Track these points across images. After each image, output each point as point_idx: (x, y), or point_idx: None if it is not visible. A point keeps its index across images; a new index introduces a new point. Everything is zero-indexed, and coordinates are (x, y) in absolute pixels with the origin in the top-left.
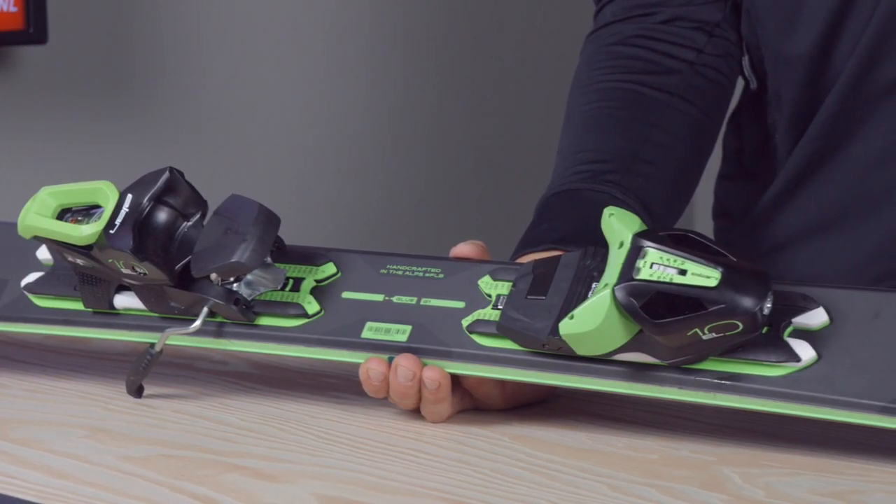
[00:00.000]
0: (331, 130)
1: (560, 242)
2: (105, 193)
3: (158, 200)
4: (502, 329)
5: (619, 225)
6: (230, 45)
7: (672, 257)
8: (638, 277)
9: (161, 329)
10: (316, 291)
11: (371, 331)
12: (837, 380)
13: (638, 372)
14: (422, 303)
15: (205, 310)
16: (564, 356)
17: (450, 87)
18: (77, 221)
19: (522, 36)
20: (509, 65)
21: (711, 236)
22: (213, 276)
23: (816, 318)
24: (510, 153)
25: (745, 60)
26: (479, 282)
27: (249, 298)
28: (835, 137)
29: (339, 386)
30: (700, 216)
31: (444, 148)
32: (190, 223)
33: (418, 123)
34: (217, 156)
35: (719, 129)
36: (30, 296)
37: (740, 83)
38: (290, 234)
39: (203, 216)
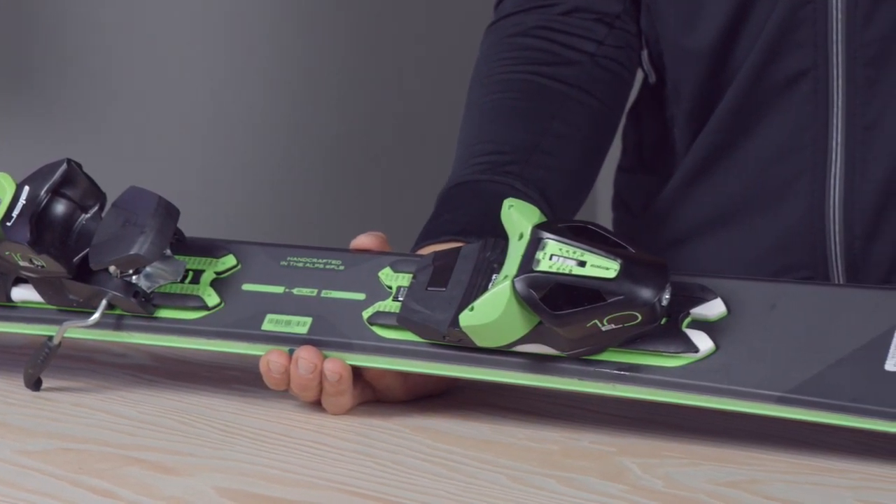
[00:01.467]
0: (231, 123)
1: (460, 234)
2: (2, 185)
3: (56, 192)
4: (403, 321)
5: (518, 216)
6: (130, 40)
7: (571, 249)
8: (537, 269)
9: (59, 322)
10: (216, 284)
11: (271, 323)
12: (735, 370)
13: (538, 363)
14: (322, 295)
15: (103, 302)
16: (465, 348)
17: (351, 77)
18: None
19: (423, 25)
20: (410, 55)
21: (612, 228)
22: (112, 268)
23: (714, 309)
24: (411, 144)
25: (645, 54)
26: (380, 273)
27: (149, 291)
28: (734, 132)
29: (240, 378)
30: (602, 208)
31: (345, 139)
32: (88, 215)
33: (319, 115)
34: (116, 148)
35: (619, 120)
36: None
37: (640, 75)
38: (189, 227)
39: (101, 208)
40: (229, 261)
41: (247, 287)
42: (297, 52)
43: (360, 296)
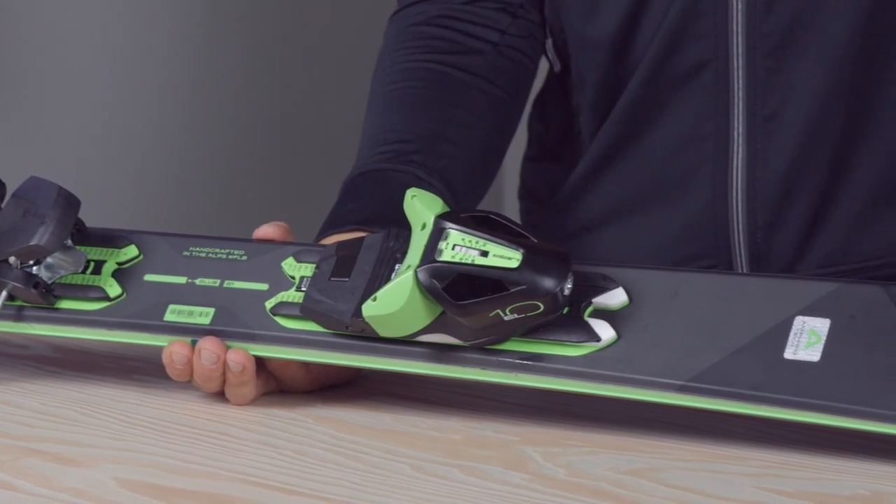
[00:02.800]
0: (132, 113)
1: (364, 223)
2: None
3: None
4: (306, 311)
5: (421, 206)
6: (30, 31)
7: (474, 239)
8: (440, 259)
9: None
10: (118, 274)
11: (174, 314)
12: (636, 359)
13: (441, 353)
14: (225, 285)
15: (3, 293)
16: (368, 338)
17: (254, 65)
18: None
19: (326, 13)
20: (313, 42)
21: (518, 217)
22: (12, 259)
23: (616, 298)
24: (314, 133)
25: (549, 43)
26: (283, 264)
27: (49, 282)
28: (637, 122)
29: (142, 369)
30: (509, 197)
31: (248, 128)
32: None
33: (222, 104)
34: (16, 139)
35: (522, 109)
36: None
37: (545, 65)
38: (91, 217)
39: (1, 199)
40: (131, 251)
41: (149, 277)
42: (198, 40)
43: (264, 286)
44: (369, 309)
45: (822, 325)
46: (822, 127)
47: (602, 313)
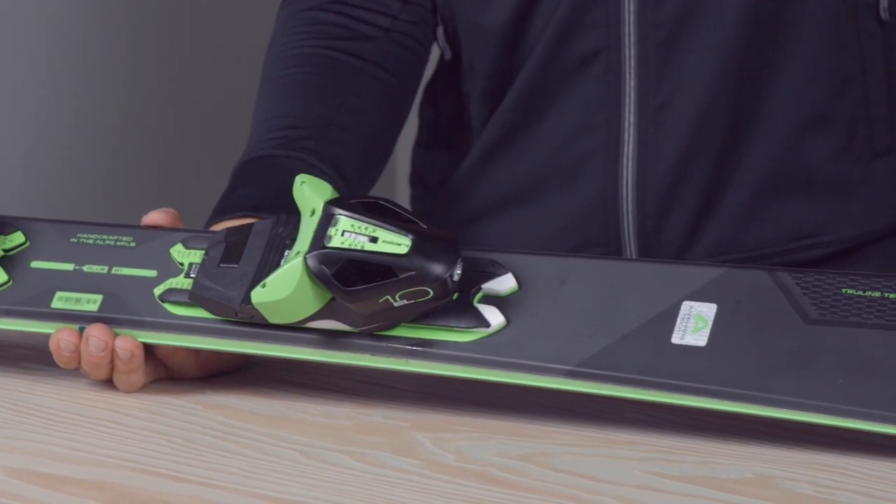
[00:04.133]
0: (17, 98)
1: (254, 210)
2: None
3: None
4: (195, 298)
5: (310, 193)
6: None
7: (363, 225)
8: (329, 245)
9: None
10: (3, 261)
11: (61, 301)
12: (525, 344)
13: (331, 339)
14: (113, 272)
15: None
16: (257, 324)
17: (141, 49)
18: None
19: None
20: (204, 27)
21: (409, 204)
22: None
23: (505, 283)
24: (204, 119)
25: (440, 31)
26: (172, 250)
27: None
28: (528, 110)
29: (29, 357)
30: (402, 184)
31: (137, 114)
32: None
33: (110, 89)
34: None
35: (414, 96)
36: None
37: (437, 51)
38: None
39: None
40: (17, 238)
41: (35, 264)
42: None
43: (152, 273)
44: (258, 295)
45: (708, 310)
46: (712, 117)
47: (491, 299)
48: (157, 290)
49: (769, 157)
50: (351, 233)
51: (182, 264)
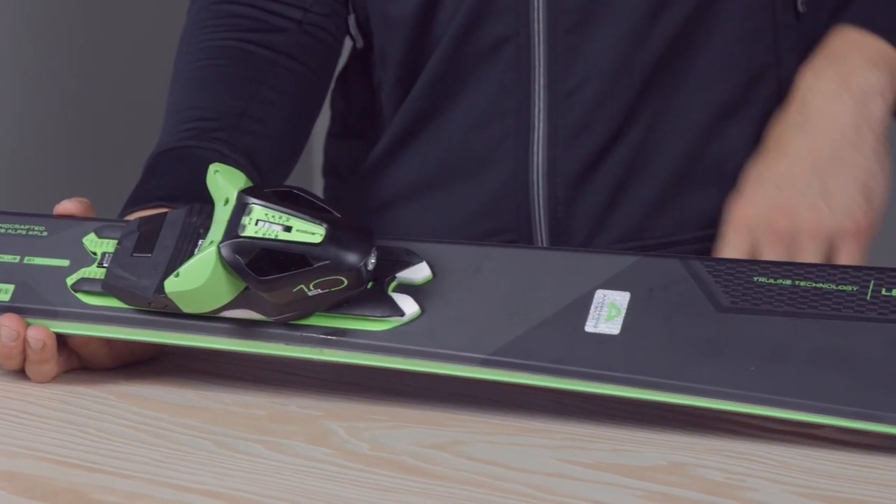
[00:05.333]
0: None
1: (167, 200)
2: None
3: None
4: (108, 287)
5: (224, 182)
6: None
7: (277, 214)
8: (243, 234)
9: None
10: None
11: None
12: (440, 333)
13: (245, 329)
14: (25, 261)
15: None
16: (171, 314)
17: (56, 34)
18: None
19: None
20: (119, 21)
21: (323, 194)
22: None
23: (420, 272)
24: (117, 111)
25: (352, 19)
26: (84, 240)
27: None
28: (438, 98)
29: None
30: (318, 174)
31: (50, 103)
32: None
33: (21, 78)
34: None
35: (327, 87)
36: None
37: (348, 43)
38: None
39: None
40: None
41: None
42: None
43: (65, 262)
44: (172, 285)
45: (621, 299)
46: (623, 104)
47: (406, 288)
48: (70, 280)
49: (682, 145)
50: (265, 222)
51: (95, 254)
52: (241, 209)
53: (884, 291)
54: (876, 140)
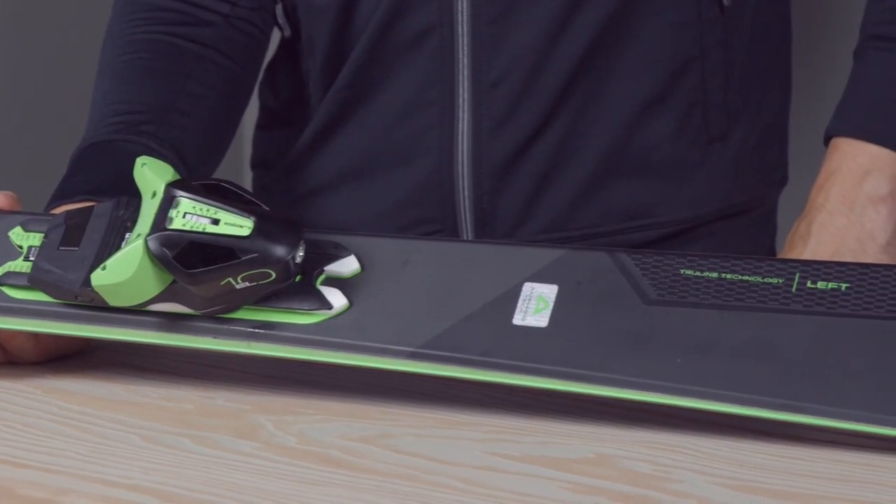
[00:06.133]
0: None
1: (94, 193)
2: None
3: None
4: (34, 281)
5: (151, 174)
6: None
7: (205, 207)
8: (171, 227)
9: None
10: None
11: None
12: (368, 326)
13: (172, 322)
14: None
15: None
16: (98, 307)
17: None
18: None
19: None
20: (44, 14)
21: (251, 187)
22: None
23: (348, 266)
24: (43, 105)
25: (279, 8)
26: (10, 233)
27: None
28: (363, 86)
29: None
30: (247, 167)
31: None
32: None
33: None
34: None
35: (255, 81)
36: None
37: (276, 35)
38: None
39: None
40: None
41: None
42: None
43: None
44: (99, 278)
45: (549, 291)
46: (547, 95)
47: (334, 281)
48: None
49: (607, 136)
50: (192, 215)
51: (21, 247)
52: (168, 202)
53: (809, 284)
54: (880, 249)
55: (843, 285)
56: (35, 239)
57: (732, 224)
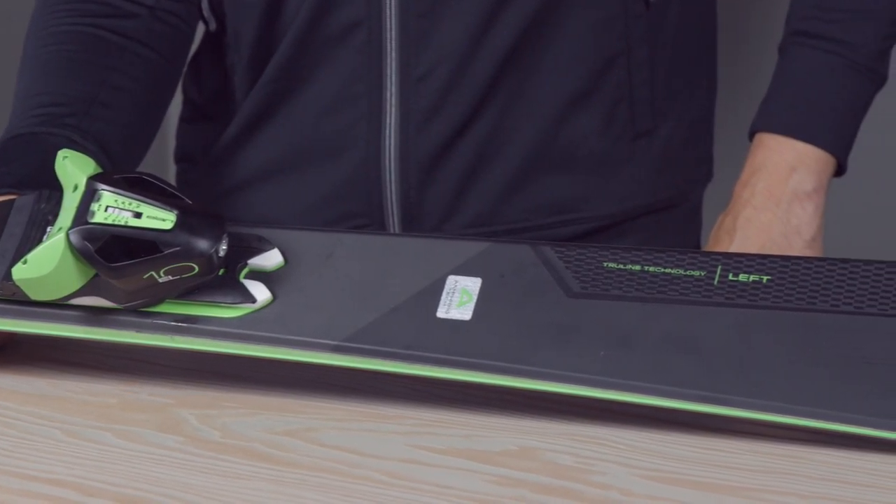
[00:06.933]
0: None
1: (16, 186)
2: None
3: None
4: None
5: (73, 168)
6: None
7: (127, 200)
8: (93, 221)
9: None
10: None
11: None
12: (292, 320)
13: (95, 316)
14: None
15: None
16: (20, 301)
17: None
18: None
19: None
20: None
21: (175, 180)
22: None
23: (271, 259)
24: None
25: (205, 1)
26: None
27: None
28: (290, 80)
29: None
30: (172, 161)
31: None
32: None
33: None
34: None
35: (180, 74)
36: None
37: (200, 27)
38: None
39: None
40: None
41: None
42: None
43: None
44: (20, 272)
45: (473, 284)
46: (475, 90)
47: (258, 275)
48: None
49: (533, 131)
50: (114, 208)
51: None
52: (90, 195)
53: (731, 277)
54: (805, 245)
55: (765, 278)
56: None
57: (658, 219)
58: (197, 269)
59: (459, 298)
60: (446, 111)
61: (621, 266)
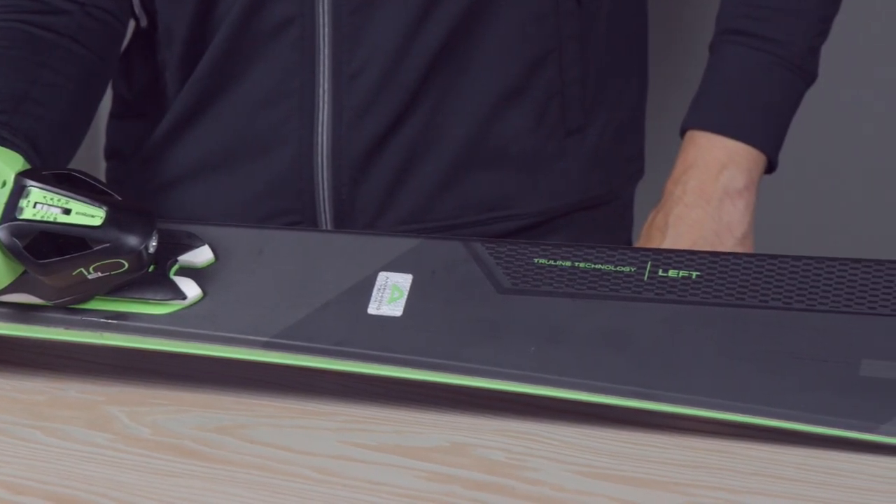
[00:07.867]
0: None
1: None
2: None
3: None
4: None
5: (1, 164)
6: None
7: (56, 196)
8: (21, 217)
9: None
10: None
11: None
12: (222, 316)
13: (23, 313)
14: None
15: None
16: None
17: None
18: None
19: None
20: None
21: (105, 177)
22: None
23: (202, 255)
24: None
25: None
26: None
27: None
28: (223, 76)
29: None
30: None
31: None
32: None
33: None
34: None
35: (112, 70)
36: None
37: (131, 23)
38: None
39: None
40: None
41: None
42: None
43: None
44: None
45: (404, 281)
46: (407, 87)
47: (188, 271)
48: None
49: (465, 128)
50: (43, 204)
51: None
52: (18, 192)
53: (660, 272)
54: (736, 242)
55: (694, 273)
56: None
57: (590, 216)
58: (126, 265)
59: (390, 295)
60: (378, 108)
61: (552, 262)
